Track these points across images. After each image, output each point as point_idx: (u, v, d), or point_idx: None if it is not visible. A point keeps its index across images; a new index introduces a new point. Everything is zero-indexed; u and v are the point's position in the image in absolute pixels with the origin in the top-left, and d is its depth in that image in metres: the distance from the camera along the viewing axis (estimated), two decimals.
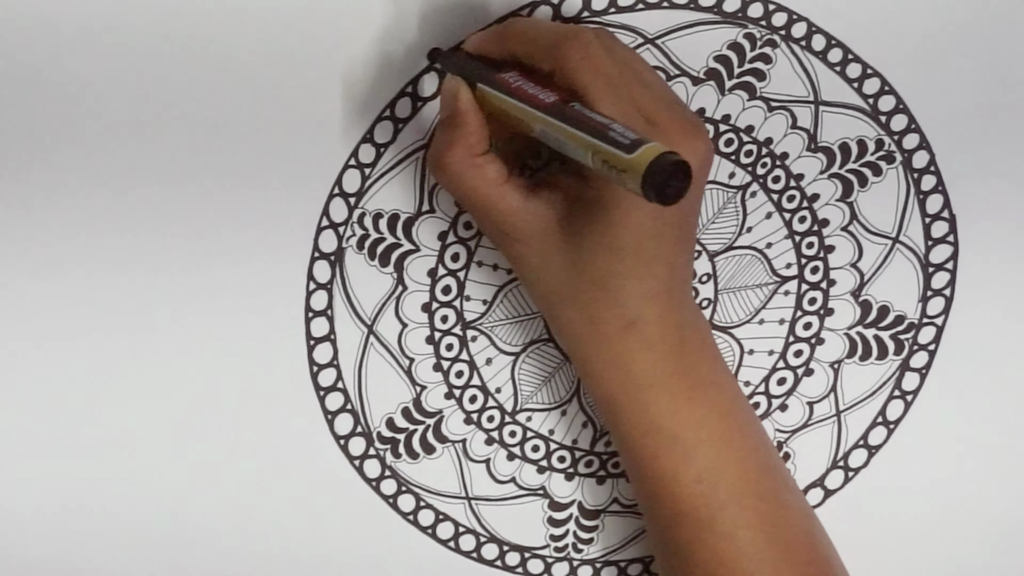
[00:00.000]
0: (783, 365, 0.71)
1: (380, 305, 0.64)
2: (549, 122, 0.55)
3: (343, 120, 0.60)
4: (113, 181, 0.58)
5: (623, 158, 0.51)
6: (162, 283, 0.60)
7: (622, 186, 0.52)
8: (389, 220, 0.62)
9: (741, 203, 0.67)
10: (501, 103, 0.57)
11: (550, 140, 0.56)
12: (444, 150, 0.59)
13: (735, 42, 0.64)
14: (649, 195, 0.50)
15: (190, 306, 0.61)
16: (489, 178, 0.59)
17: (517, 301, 0.66)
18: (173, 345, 0.61)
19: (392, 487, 0.67)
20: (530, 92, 0.57)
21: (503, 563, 0.71)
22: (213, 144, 0.58)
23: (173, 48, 0.56)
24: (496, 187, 0.59)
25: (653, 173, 0.50)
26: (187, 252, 0.60)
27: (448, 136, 0.59)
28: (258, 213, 0.60)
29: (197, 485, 0.64)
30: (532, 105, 0.56)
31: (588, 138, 0.53)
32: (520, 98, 0.57)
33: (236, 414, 0.63)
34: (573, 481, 0.70)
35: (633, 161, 0.51)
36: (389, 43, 0.59)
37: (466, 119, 0.58)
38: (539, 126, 0.56)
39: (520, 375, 0.67)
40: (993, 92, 0.69)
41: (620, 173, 0.51)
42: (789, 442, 0.73)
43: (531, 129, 0.57)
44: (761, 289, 0.69)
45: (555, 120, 0.55)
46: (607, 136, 0.52)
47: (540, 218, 0.59)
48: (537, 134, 0.56)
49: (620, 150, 0.51)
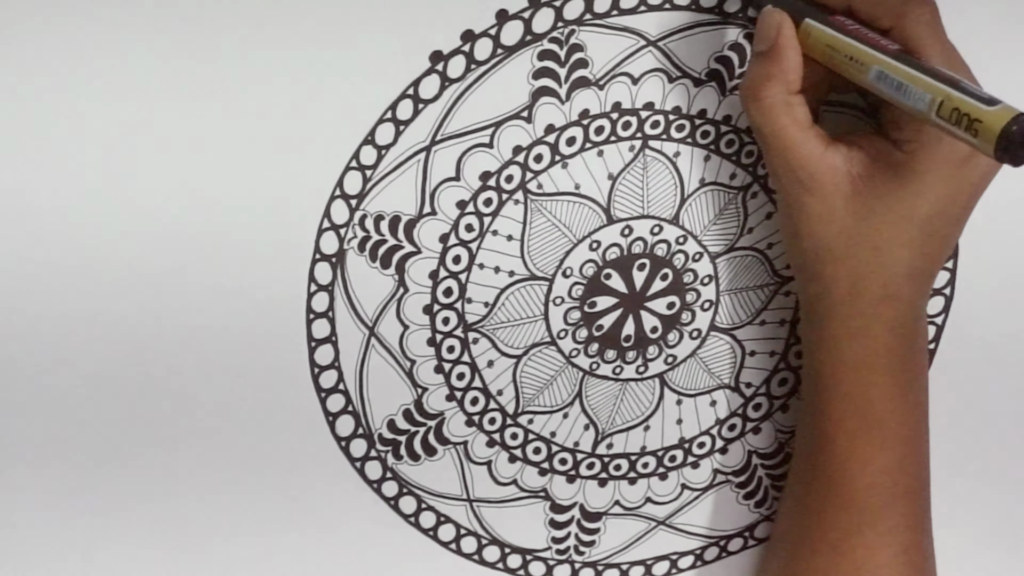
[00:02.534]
0: (784, 366, 0.71)
1: (381, 307, 0.64)
2: (894, 66, 0.55)
3: (344, 122, 0.60)
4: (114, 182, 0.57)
5: (981, 109, 0.51)
6: (162, 283, 0.60)
7: (964, 140, 0.52)
8: (390, 222, 0.62)
9: (742, 204, 0.67)
10: (835, 43, 0.57)
11: (886, 85, 0.56)
12: (762, 83, 0.59)
13: (736, 43, 0.63)
14: (1000, 151, 0.50)
15: (191, 307, 0.61)
16: (799, 119, 0.59)
17: (518, 303, 0.66)
18: (173, 346, 0.61)
19: (393, 489, 0.67)
20: (870, 36, 0.57)
21: (505, 565, 0.71)
22: (213, 145, 0.58)
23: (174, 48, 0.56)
24: (803, 130, 0.59)
25: (1011, 131, 0.50)
26: (188, 253, 0.60)
27: (767, 69, 0.59)
28: (259, 214, 0.60)
29: (198, 486, 0.64)
30: (875, 48, 0.56)
31: (941, 85, 0.53)
32: (860, 40, 0.57)
33: (237, 416, 0.63)
34: (575, 483, 0.70)
35: (992, 114, 0.51)
36: (390, 44, 0.59)
37: (787, 54, 0.58)
38: (878, 69, 0.56)
39: (522, 377, 0.67)
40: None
41: (971, 124, 0.51)
42: (790, 442, 0.73)
43: (862, 73, 0.57)
44: (762, 290, 0.69)
45: (902, 65, 0.55)
46: (961, 86, 0.53)
47: (835, 171, 0.59)
48: (870, 79, 0.56)
49: (979, 101, 0.51)
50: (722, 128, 0.65)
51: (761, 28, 0.60)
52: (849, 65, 0.57)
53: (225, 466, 0.64)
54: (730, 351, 0.70)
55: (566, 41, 0.61)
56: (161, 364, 0.61)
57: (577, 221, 0.65)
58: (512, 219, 0.64)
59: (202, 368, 0.62)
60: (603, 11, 0.61)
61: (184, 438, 0.63)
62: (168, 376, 0.62)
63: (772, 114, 0.59)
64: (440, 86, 0.60)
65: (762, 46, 0.59)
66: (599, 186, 0.64)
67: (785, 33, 0.59)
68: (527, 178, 0.63)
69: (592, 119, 0.63)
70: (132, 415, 0.62)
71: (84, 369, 0.60)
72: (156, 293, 0.60)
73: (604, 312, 0.67)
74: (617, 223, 0.66)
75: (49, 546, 0.63)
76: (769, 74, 0.59)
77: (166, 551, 0.65)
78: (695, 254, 0.67)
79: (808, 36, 0.59)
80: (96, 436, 0.62)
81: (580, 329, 0.67)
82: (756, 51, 0.60)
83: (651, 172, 0.65)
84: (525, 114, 0.62)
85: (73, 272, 0.58)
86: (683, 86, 0.64)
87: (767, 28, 0.59)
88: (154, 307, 0.60)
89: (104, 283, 0.59)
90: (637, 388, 0.69)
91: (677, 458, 0.72)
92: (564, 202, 0.64)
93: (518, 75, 0.61)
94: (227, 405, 0.63)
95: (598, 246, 0.66)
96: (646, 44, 0.62)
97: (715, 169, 0.66)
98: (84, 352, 0.60)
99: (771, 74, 0.59)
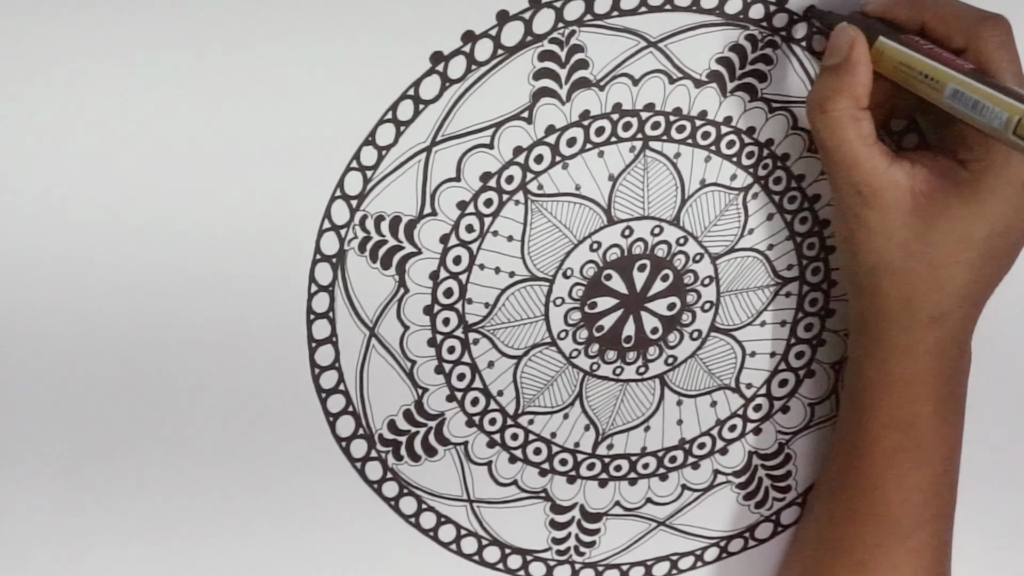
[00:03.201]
0: (785, 367, 0.71)
1: (382, 307, 0.64)
2: (970, 84, 0.56)
3: (344, 122, 0.60)
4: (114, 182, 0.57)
5: None
6: (163, 284, 0.60)
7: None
8: (391, 222, 0.62)
9: (743, 205, 0.67)
10: (909, 60, 0.58)
11: (961, 104, 0.56)
12: (831, 95, 0.60)
13: (737, 44, 0.63)
14: None
15: (191, 308, 0.61)
16: (864, 133, 0.60)
17: (519, 304, 0.66)
18: (174, 346, 0.61)
19: (394, 489, 0.67)
20: (945, 55, 0.58)
21: (505, 566, 0.71)
22: (214, 145, 0.58)
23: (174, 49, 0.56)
24: (867, 145, 0.60)
25: None
26: (188, 253, 0.60)
27: (837, 82, 0.59)
28: (260, 215, 0.60)
29: (198, 486, 0.64)
30: (950, 67, 0.57)
31: (1018, 104, 0.54)
32: (935, 59, 0.58)
33: (237, 416, 0.63)
34: (575, 484, 0.70)
35: None
36: (390, 45, 0.59)
37: (859, 69, 0.59)
38: (953, 87, 0.57)
39: (522, 378, 0.67)
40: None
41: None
42: (790, 443, 0.73)
43: (936, 91, 0.57)
44: (763, 291, 0.69)
45: (978, 83, 0.56)
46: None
47: (897, 187, 0.60)
48: (945, 97, 0.57)
49: None
50: (723, 129, 0.65)
51: (834, 43, 0.60)
52: (923, 83, 0.58)
53: (225, 466, 0.64)
54: (731, 352, 0.70)
55: (567, 42, 0.61)
56: (161, 364, 0.61)
57: (577, 222, 0.65)
58: (512, 220, 0.64)
59: (202, 368, 0.62)
60: (604, 12, 0.61)
61: (184, 438, 0.63)
62: (168, 376, 0.62)
63: (838, 127, 0.60)
64: (441, 87, 0.60)
65: (833, 60, 0.60)
66: (599, 187, 0.64)
67: (858, 48, 0.59)
68: (527, 179, 0.63)
69: (593, 120, 0.63)
70: (132, 415, 0.62)
71: (84, 369, 0.60)
72: (156, 293, 0.60)
73: (604, 313, 0.67)
74: (617, 224, 0.65)
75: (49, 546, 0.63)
76: (839, 87, 0.59)
77: (166, 551, 0.65)
78: (696, 255, 0.67)
79: (881, 54, 0.60)
80: (96, 436, 0.62)
81: (580, 330, 0.67)
82: (826, 65, 0.61)
83: (652, 173, 0.65)
84: (526, 115, 0.62)
85: (73, 272, 0.58)
86: (684, 87, 0.64)
87: (840, 43, 0.60)
88: (154, 307, 0.60)
89: (104, 283, 0.59)
90: (637, 389, 0.69)
91: (677, 459, 0.72)
92: (564, 203, 0.64)
93: (519, 76, 0.61)
94: (227, 405, 0.63)
95: (599, 247, 0.66)
96: (647, 45, 0.62)
97: (716, 170, 0.66)
98: (84, 352, 0.60)
99: (840, 88, 0.59)
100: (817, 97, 0.61)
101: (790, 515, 0.75)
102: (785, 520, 0.75)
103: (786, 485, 0.74)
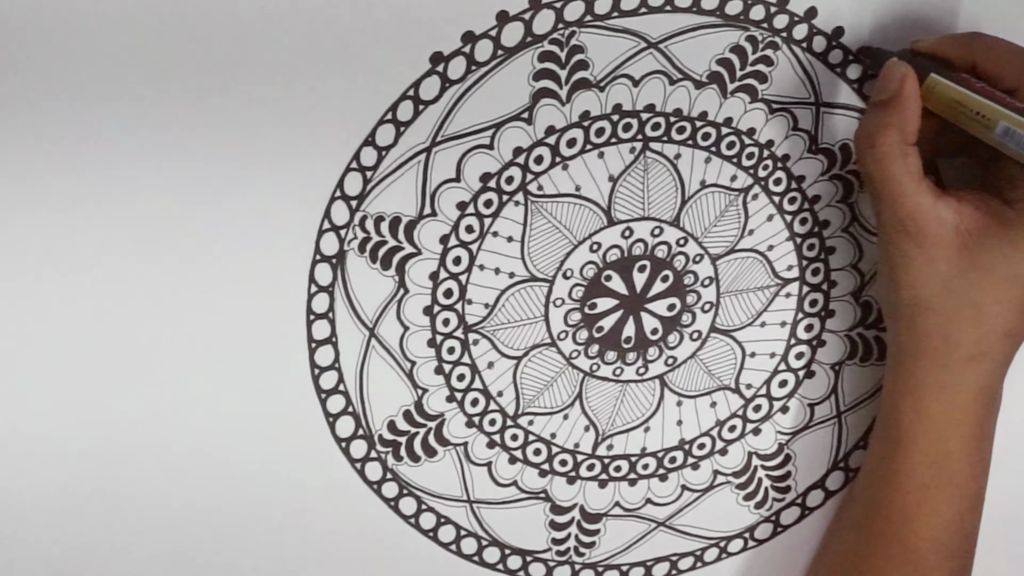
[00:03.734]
0: (784, 367, 0.71)
1: (382, 308, 0.64)
2: (1022, 122, 0.58)
3: (344, 123, 0.60)
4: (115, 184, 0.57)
5: None
6: (163, 285, 0.60)
7: None
8: (391, 223, 0.62)
9: (743, 206, 0.67)
10: (961, 98, 0.59)
11: (1012, 141, 0.58)
12: (880, 130, 0.60)
13: (737, 45, 0.63)
14: None
15: (191, 308, 0.61)
16: (911, 169, 0.60)
17: (519, 304, 0.66)
18: (175, 347, 0.61)
19: (393, 490, 0.67)
20: (996, 94, 0.59)
21: (505, 567, 0.71)
22: (214, 146, 0.58)
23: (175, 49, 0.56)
24: (915, 180, 0.60)
25: None
26: (188, 254, 0.60)
27: (887, 118, 0.60)
28: (260, 216, 0.60)
29: (199, 487, 0.64)
30: (1003, 105, 0.58)
31: None
32: (987, 97, 0.59)
33: (237, 417, 0.63)
34: (575, 485, 0.70)
35: None
36: (390, 45, 0.59)
37: (909, 105, 0.60)
38: (1005, 125, 0.58)
39: (522, 379, 0.67)
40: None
41: None
42: (790, 444, 0.73)
43: (987, 129, 0.59)
44: (763, 292, 0.69)
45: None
46: None
47: (942, 224, 0.60)
48: (996, 135, 0.58)
49: None
50: (723, 130, 0.65)
51: (884, 78, 0.61)
52: (974, 121, 0.59)
53: (225, 467, 0.64)
54: (730, 353, 0.70)
55: (567, 43, 0.61)
56: (161, 364, 0.61)
57: (577, 223, 0.65)
58: (512, 220, 0.64)
59: (202, 368, 0.62)
60: (604, 13, 0.61)
61: (184, 438, 0.63)
62: (168, 376, 0.62)
63: (886, 161, 0.60)
64: (440, 87, 0.60)
65: (883, 95, 0.61)
66: (600, 188, 0.64)
67: (909, 84, 0.60)
68: (527, 179, 0.63)
69: (593, 121, 0.63)
70: (131, 415, 0.62)
71: (83, 370, 0.60)
72: (156, 293, 0.60)
73: (604, 314, 0.67)
74: (618, 225, 0.65)
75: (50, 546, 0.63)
76: (888, 122, 0.60)
77: (166, 551, 0.65)
78: (696, 256, 0.67)
79: (931, 91, 0.61)
80: (95, 436, 0.62)
81: (580, 330, 0.67)
82: (876, 100, 0.62)
83: (652, 174, 0.65)
84: (526, 115, 0.62)
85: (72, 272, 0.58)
86: (684, 88, 0.64)
87: (891, 78, 0.61)
88: (154, 307, 0.60)
89: (104, 283, 0.59)
90: (637, 389, 0.69)
91: (677, 459, 0.72)
92: (564, 203, 0.64)
93: (519, 76, 0.61)
94: (227, 406, 0.63)
95: (598, 248, 0.66)
96: (647, 46, 0.62)
97: (716, 171, 0.66)
98: (82, 353, 0.60)
99: (890, 123, 0.60)
100: (866, 131, 0.61)
101: (790, 515, 0.75)
102: (785, 520, 0.75)
103: (786, 485, 0.74)
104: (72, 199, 0.57)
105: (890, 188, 0.60)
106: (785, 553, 0.76)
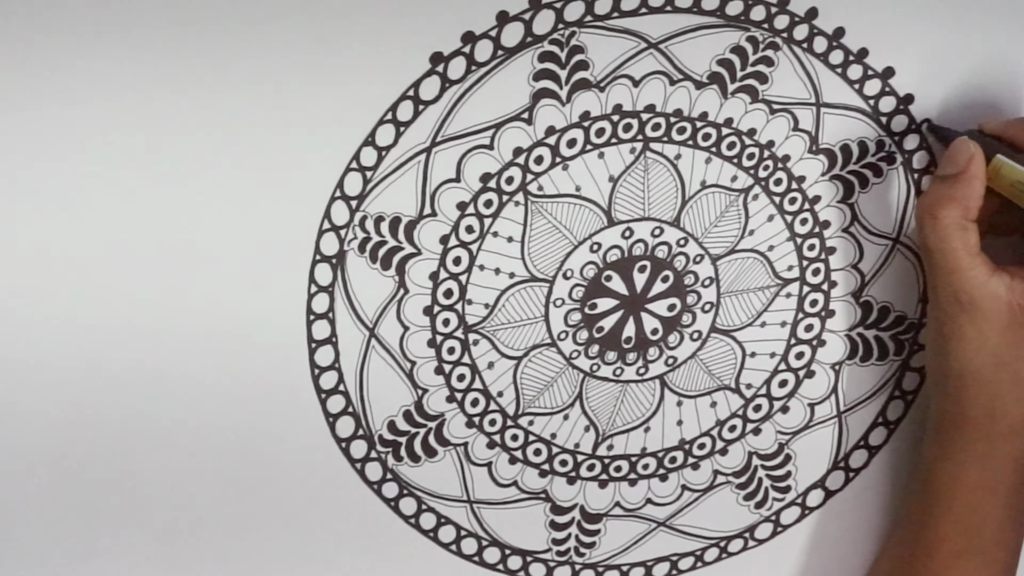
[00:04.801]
0: (785, 367, 0.71)
1: (382, 308, 0.64)
2: None
3: (344, 123, 0.60)
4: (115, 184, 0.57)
5: None
6: (163, 285, 0.60)
7: None
8: (391, 223, 0.62)
9: (743, 206, 0.67)
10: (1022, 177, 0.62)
11: None
12: (943, 203, 0.62)
13: (738, 45, 0.63)
14: None
15: (191, 308, 0.61)
16: (970, 243, 0.62)
17: (519, 305, 0.66)
18: (175, 347, 0.61)
19: (394, 490, 0.67)
20: None
21: (505, 567, 0.71)
22: (215, 146, 0.58)
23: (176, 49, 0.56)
24: (971, 255, 0.62)
25: None
26: (188, 254, 0.60)
27: (951, 192, 0.62)
28: (260, 216, 0.60)
29: (198, 487, 0.64)
30: None
31: None
32: None
33: (237, 417, 0.63)
34: (575, 485, 0.70)
35: None
36: (390, 45, 0.59)
37: (974, 182, 0.62)
38: None
39: (522, 379, 0.67)
40: (993, 92, 0.69)
41: None
42: (791, 444, 0.73)
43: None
44: (763, 292, 0.69)
45: None
46: None
47: (996, 299, 0.62)
48: None
49: None
50: (723, 131, 0.65)
51: (952, 154, 0.63)
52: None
53: (225, 467, 0.64)
54: (731, 353, 0.70)
55: (567, 43, 0.61)
56: (161, 364, 0.61)
57: (578, 223, 0.65)
58: (512, 221, 0.64)
59: (202, 369, 0.62)
60: (604, 13, 0.61)
61: (184, 438, 0.63)
62: (168, 376, 0.61)
63: (945, 234, 0.62)
64: (440, 87, 0.60)
65: (950, 170, 0.63)
66: (600, 188, 0.64)
67: (976, 162, 0.62)
68: (528, 180, 0.63)
69: (593, 121, 0.63)
70: (132, 415, 0.62)
71: (84, 370, 0.60)
72: (156, 293, 0.60)
73: (605, 314, 0.67)
74: (618, 225, 0.65)
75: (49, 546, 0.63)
76: (952, 196, 0.62)
77: (166, 552, 0.65)
78: (696, 256, 0.67)
79: (996, 171, 0.63)
80: (95, 436, 0.62)
81: (580, 331, 0.67)
82: (941, 174, 0.63)
83: (652, 174, 0.65)
84: (526, 116, 0.62)
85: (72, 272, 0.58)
86: (684, 88, 0.64)
87: (959, 155, 0.63)
88: (154, 307, 0.60)
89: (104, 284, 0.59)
90: (637, 389, 0.69)
91: (677, 459, 0.72)
92: (565, 204, 0.64)
93: (519, 77, 0.61)
94: (227, 406, 0.63)
95: (599, 248, 0.66)
96: (647, 46, 0.62)
97: (716, 171, 0.66)
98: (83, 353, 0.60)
99: (954, 197, 0.62)
100: (929, 203, 0.63)
101: (790, 515, 0.75)
102: (785, 520, 0.75)
103: (786, 485, 0.74)
104: (72, 199, 0.57)
105: (947, 260, 0.62)
106: (785, 553, 0.76)
